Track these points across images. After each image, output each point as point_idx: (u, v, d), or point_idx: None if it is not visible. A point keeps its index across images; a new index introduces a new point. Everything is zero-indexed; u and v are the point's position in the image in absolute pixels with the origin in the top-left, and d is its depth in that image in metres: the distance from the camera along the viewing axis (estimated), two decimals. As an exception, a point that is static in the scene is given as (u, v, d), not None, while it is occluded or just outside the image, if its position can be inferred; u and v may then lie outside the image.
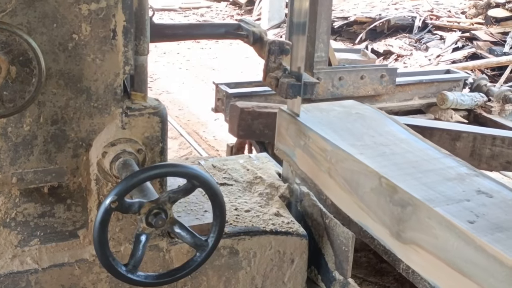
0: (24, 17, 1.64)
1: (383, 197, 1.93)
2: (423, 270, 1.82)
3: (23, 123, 1.75)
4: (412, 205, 1.81)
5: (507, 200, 1.82)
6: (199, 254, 1.72)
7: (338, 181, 2.17)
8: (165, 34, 2.36)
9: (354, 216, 2.13)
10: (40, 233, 1.93)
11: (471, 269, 1.61)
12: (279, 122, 2.56)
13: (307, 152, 2.34)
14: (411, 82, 4.37)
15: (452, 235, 1.67)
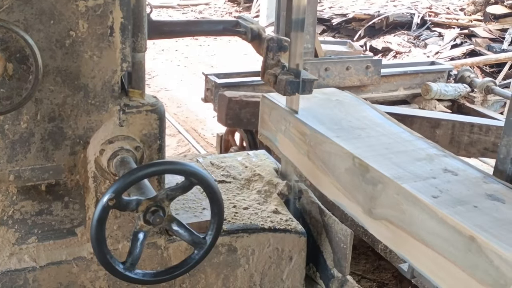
0: (21, 13, 1.63)
1: (356, 176, 2.03)
2: (392, 244, 1.93)
3: (20, 120, 1.74)
4: (382, 183, 1.92)
5: (470, 177, 1.93)
6: (197, 251, 1.71)
7: (316, 163, 2.27)
8: (163, 31, 2.35)
9: (330, 196, 2.23)
10: (38, 231, 1.92)
11: (434, 240, 1.71)
12: (262, 109, 2.67)
13: (288, 136, 2.45)
14: (396, 73, 4.46)
15: (417, 209, 1.77)
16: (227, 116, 3.36)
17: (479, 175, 1.97)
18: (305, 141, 2.33)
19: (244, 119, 3.44)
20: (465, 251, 1.62)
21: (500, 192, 1.85)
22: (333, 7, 10.52)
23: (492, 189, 1.87)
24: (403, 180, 1.87)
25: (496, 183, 1.93)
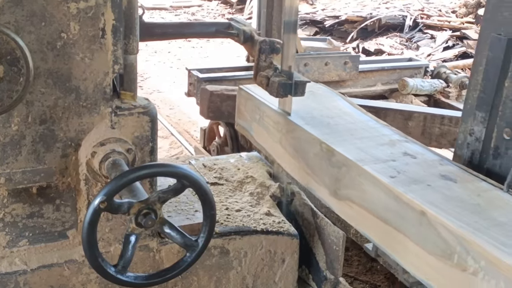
0: (12, 15, 1.62)
1: (323, 160, 2.19)
2: (355, 223, 2.07)
3: (11, 122, 1.73)
4: (346, 165, 2.06)
5: (428, 160, 2.09)
6: (189, 254, 1.71)
7: (288, 150, 2.43)
8: (155, 33, 2.35)
9: (301, 180, 2.37)
10: (29, 233, 1.91)
11: (391, 216, 1.86)
12: (238, 100, 2.81)
13: (262, 125, 2.61)
14: (374, 69, 4.60)
15: (376, 189, 1.92)
16: (208, 109, 3.47)
17: (436, 158, 2.11)
18: (278, 129, 2.47)
19: (225, 112, 3.53)
20: (417, 225, 1.75)
21: (454, 173, 1.99)
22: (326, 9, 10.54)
23: (447, 171, 2.01)
24: (365, 163, 2.00)
25: (451, 165, 2.07)
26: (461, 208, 1.75)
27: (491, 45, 2.13)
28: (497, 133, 2.15)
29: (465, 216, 1.70)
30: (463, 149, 2.26)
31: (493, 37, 2.12)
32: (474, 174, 2.04)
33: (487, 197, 1.85)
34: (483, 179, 2.00)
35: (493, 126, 2.16)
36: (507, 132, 2.12)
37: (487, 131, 2.19)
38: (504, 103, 2.11)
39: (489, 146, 2.18)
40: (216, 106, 3.45)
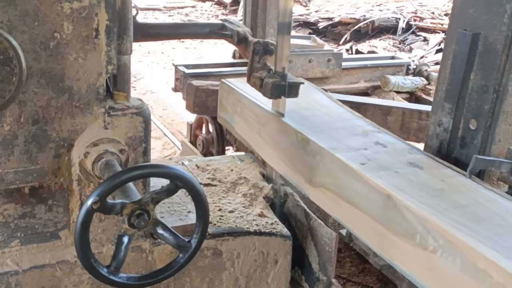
0: (5, 15, 1.62)
1: (299, 149, 2.26)
2: (329, 208, 2.14)
3: (3, 122, 1.72)
4: (320, 154, 2.15)
5: (398, 149, 2.18)
6: (182, 255, 1.71)
7: (266, 140, 2.51)
8: (149, 34, 2.34)
9: (279, 169, 2.44)
10: (21, 234, 1.90)
11: (360, 201, 1.95)
12: (220, 93, 2.88)
13: (243, 117, 2.68)
14: (357, 66, 4.70)
15: (347, 175, 2.01)
16: (194, 104, 3.53)
17: (406, 147, 2.20)
18: (257, 120, 2.55)
19: (210, 107, 3.59)
20: (383, 208, 1.85)
21: (421, 161, 2.09)
22: (319, 11, 10.57)
23: (415, 158, 2.11)
24: (337, 151, 2.09)
25: (419, 154, 2.17)
26: (425, 192, 1.84)
27: (457, 40, 2.23)
28: (463, 124, 2.25)
29: (427, 199, 1.79)
30: (433, 140, 2.36)
31: (459, 32, 2.22)
32: (440, 161, 2.13)
33: (451, 183, 1.95)
34: (448, 166, 2.10)
35: (460, 117, 2.27)
36: (473, 122, 2.22)
37: (454, 122, 2.29)
38: (470, 95, 2.22)
39: (456, 136, 2.28)
40: (201, 100, 3.51)
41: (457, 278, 1.61)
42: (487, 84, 2.19)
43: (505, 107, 2.18)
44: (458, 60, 2.23)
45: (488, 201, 1.85)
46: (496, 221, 1.72)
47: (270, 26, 4.02)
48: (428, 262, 1.70)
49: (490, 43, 2.17)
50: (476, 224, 1.68)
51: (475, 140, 2.23)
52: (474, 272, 1.56)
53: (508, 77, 2.16)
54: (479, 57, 2.19)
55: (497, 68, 2.15)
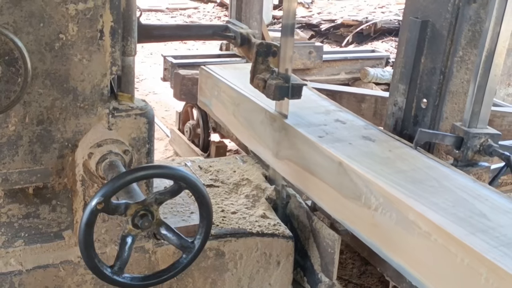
0: (10, 16, 1.63)
1: (267, 126, 2.49)
2: (293, 179, 2.37)
3: (8, 123, 1.73)
4: (285, 129, 2.37)
5: (355, 125, 2.41)
6: (185, 255, 1.71)
7: (239, 120, 2.75)
8: (153, 35, 2.35)
9: (251, 146, 2.70)
10: (25, 234, 1.91)
11: (318, 169, 2.18)
12: (200, 79, 3.16)
13: (220, 100, 2.93)
14: (338, 59, 4.93)
15: (306, 147, 2.23)
16: (181, 92, 3.73)
17: (363, 124, 2.43)
18: (232, 102, 2.79)
19: (196, 95, 3.73)
20: (336, 174, 2.07)
21: (374, 135, 2.33)
22: (322, 13, 10.57)
23: (369, 133, 2.34)
24: (299, 126, 2.32)
25: (374, 129, 2.40)
26: (372, 160, 2.07)
27: (409, 27, 2.47)
28: (416, 103, 2.52)
29: (373, 165, 2.01)
30: (390, 118, 2.62)
31: (411, 20, 2.46)
32: (392, 135, 2.37)
33: (397, 152, 2.19)
34: (398, 139, 2.33)
35: (412, 97, 2.52)
36: (424, 102, 2.48)
37: (407, 101, 2.54)
38: (421, 77, 2.48)
39: (410, 114, 2.54)
40: (187, 89, 3.69)
41: (392, 230, 1.84)
42: (435, 66, 2.43)
43: (451, 87, 2.44)
44: (410, 45, 2.47)
45: (428, 168, 2.08)
46: (430, 183, 1.95)
47: (254, 19, 4.19)
48: (371, 219, 1.92)
49: (437, 30, 2.41)
50: (413, 185, 1.91)
51: (425, 117, 2.49)
52: (405, 224, 1.79)
53: (453, 60, 2.40)
54: (428, 42, 2.44)
55: (443, 52, 2.40)
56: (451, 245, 1.64)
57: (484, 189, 1.96)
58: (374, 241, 1.94)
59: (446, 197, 1.86)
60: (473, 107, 2.36)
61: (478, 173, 2.40)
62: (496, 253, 1.57)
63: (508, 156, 2.37)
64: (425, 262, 1.74)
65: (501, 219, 1.76)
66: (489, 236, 1.66)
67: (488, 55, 2.28)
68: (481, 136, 2.37)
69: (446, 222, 1.70)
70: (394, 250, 1.86)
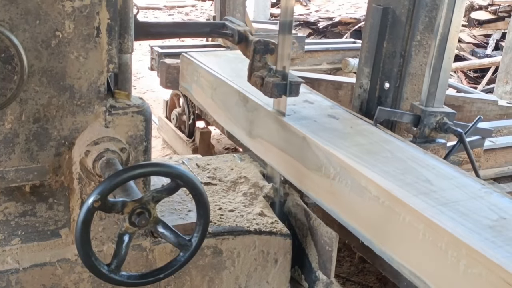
0: (6, 13, 1.62)
1: (241, 107, 2.67)
2: (264, 155, 2.54)
3: (4, 121, 1.73)
4: (257, 109, 2.54)
5: (322, 106, 2.59)
6: (182, 253, 1.71)
7: (217, 102, 2.96)
8: (150, 33, 2.34)
9: (226, 126, 2.92)
10: (21, 232, 1.91)
11: (284, 145, 2.36)
12: (181, 66, 3.39)
13: (199, 84, 3.15)
14: (319, 49, 5.04)
15: (275, 125, 2.41)
16: (166, 80, 3.89)
17: (329, 104, 2.61)
18: (210, 86, 3.00)
19: None
20: (300, 148, 2.25)
21: (339, 114, 2.50)
22: (320, 11, 10.56)
23: (334, 112, 2.51)
24: (269, 106, 2.47)
25: (339, 109, 2.58)
26: (333, 135, 2.25)
27: (372, 13, 2.67)
28: (379, 85, 2.72)
29: (334, 139, 2.18)
30: (356, 100, 2.83)
31: (373, 7, 2.66)
32: (355, 114, 2.53)
33: (358, 129, 2.37)
34: (360, 117, 2.50)
35: (376, 79, 2.72)
36: (386, 84, 2.69)
37: (371, 83, 2.74)
38: (383, 60, 2.68)
39: (374, 95, 2.74)
40: (173, 77, 3.83)
41: (348, 196, 2.02)
42: (396, 50, 2.65)
43: (410, 69, 2.66)
44: (373, 31, 2.68)
45: (384, 142, 2.26)
46: (385, 155, 2.14)
47: (237, 11, 4.33)
48: (330, 187, 2.10)
49: (397, 16, 2.62)
50: (368, 156, 2.09)
51: (388, 98, 2.71)
52: (358, 190, 1.97)
53: (411, 44, 2.61)
54: (389, 28, 2.64)
55: (402, 37, 2.61)
56: (396, 206, 1.82)
57: (433, 160, 2.15)
58: (333, 207, 2.11)
59: (396, 166, 2.05)
60: (429, 87, 2.56)
61: (435, 149, 2.61)
62: (433, 211, 1.75)
63: (460, 132, 2.57)
64: (375, 223, 1.92)
65: (443, 184, 1.94)
66: (430, 197, 1.83)
67: (442, 39, 2.48)
68: (437, 114, 2.58)
69: (393, 187, 1.87)
70: (349, 214, 2.04)
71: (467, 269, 1.58)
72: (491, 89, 5.86)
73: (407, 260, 1.80)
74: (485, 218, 1.75)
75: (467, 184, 1.97)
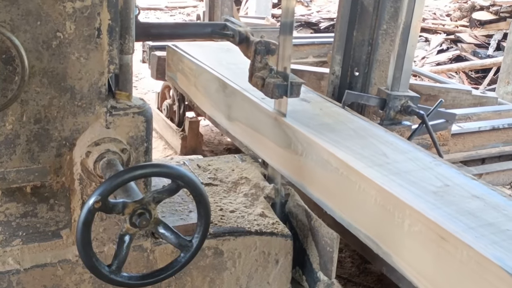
0: (7, 14, 1.62)
1: (220, 93, 2.90)
2: (241, 137, 2.76)
3: (5, 121, 1.73)
4: (234, 94, 2.75)
5: None
6: (183, 254, 1.71)
7: (199, 89, 3.21)
8: (151, 34, 2.35)
9: (208, 112, 3.15)
10: (22, 233, 1.91)
11: (260, 126, 2.56)
12: (167, 56, 3.66)
13: (183, 73, 3.40)
14: (305, 43, 5.18)
15: (251, 108, 2.61)
16: (157, 71, 4.10)
17: (303, 89, 2.64)
18: (193, 74, 3.24)
19: None
20: (273, 127, 2.45)
21: (311, 98, 2.72)
22: (321, 11, 10.56)
23: (307, 96, 2.70)
24: (246, 90, 2.67)
25: (312, 94, 2.78)
26: (303, 116, 2.42)
27: (343, 4, 2.87)
28: (350, 72, 2.94)
29: (303, 119, 2.35)
30: (329, 86, 3.05)
31: None
32: (326, 98, 2.73)
33: (326, 111, 2.57)
34: (330, 101, 2.71)
35: (347, 66, 2.94)
36: (356, 70, 2.90)
37: (343, 70, 2.96)
38: (353, 48, 2.90)
39: (345, 81, 2.96)
40: (163, 68, 3.99)
41: (312, 169, 2.22)
42: (364, 39, 2.86)
43: (378, 57, 2.88)
44: (343, 21, 2.89)
45: (349, 121, 2.47)
46: (348, 133, 2.33)
47: (225, 6, 4.50)
48: (298, 162, 2.29)
49: (365, 6, 2.80)
50: (332, 133, 2.28)
51: (358, 84, 2.93)
52: (321, 163, 2.17)
53: (378, 33, 2.81)
54: (358, 18, 2.84)
55: (370, 26, 2.82)
56: (352, 176, 2.02)
57: (392, 137, 2.36)
58: (300, 181, 2.31)
59: (357, 141, 2.24)
60: (394, 73, 2.80)
61: (401, 131, 2.85)
62: (384, 179, 1.94)
63: (422, 114, 2.78)
64: (335, 192, 2.12)
65: (398, 157, 2.14)
66: (383, 168, 2.03)
67: (405, 27, 2.69)
68: (402, 98, 2.81)
69: (351, 159, 2.07)
70: (314, 186, 2.24)
71: (410, 227, 1.79)
72: (492, 90, 5.85)
73: (362, 224, 2.00)
74: (430, 185, 1.95)
75: (419, 157, 2.17)
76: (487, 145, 4.07)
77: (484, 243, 1.61)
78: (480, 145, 4.04)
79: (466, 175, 2.06)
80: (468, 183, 1.99)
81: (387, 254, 1.90)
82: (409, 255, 1.81)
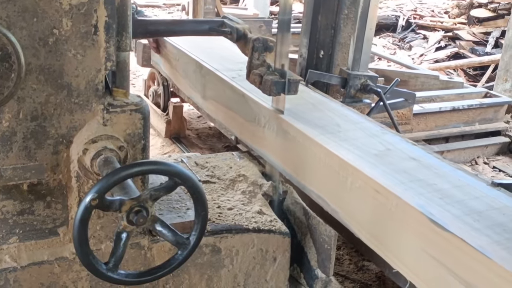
0: (3, 11, 1.61)
1: (197, 74, 3.16)
2: (214, 114, 3.03)
3: (1, 119, 1.72)
4: (209, 74, 2.99)
5: None
6: (180, 252, 1.71)
7: (180, 72, 3.46)
8: (148, 30, 2.34)
9: (187, 92, 3.40)
10: (19, 230, 1.90)
11: (231, 103, 2.81)
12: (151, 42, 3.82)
13: (166, 58, 3.69)
14: None
15: (225, 88, 2.84)
16: (142, 59, 4.31)
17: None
18: (174, 58, 3.51)
19: None
20: (240, 103, 2.68)
21: None
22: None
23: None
24: (219, 71, 2.93)
25: None
26: None
27: None
28: (315, 54, 3.15)
29: (266, 96, 2.41)
30: (297, 68, 3.26)
31: None
32: None
33: None
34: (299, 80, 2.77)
35: (313, 49, 3.16)
36: (321, 52, 3.11)
37: (309, 52, 3.17)
38: (318, 32, 3.11)
39: (312, 63, 3.17)
40: (148, 56, 4.22)
41: (274, 139, 2.45)
42: (328, 23, 3.07)
43: (340, 39, 3.10)
44: (310, 6, 3.11)
45: (311, 98, 2.70)
46: (307, 106, 2.56)
47: None
48: (262, 134, 2.52)
49: None
50: (294, 107, 2.45)
51: (323, 65, 3.15)
52: (282, 133, 2.38)
53: (340, 17, 3.03)
54: (322, 3, 3.06)
55: (333, 11, 3.04)
56: (306, 142, 2.23)
57: (348, 111, 2.56)
58: (264, 150, 2.53)
59: (315, 115, 2.45)
60: (355, 54, 3.03)
61: (361, 108, 3.05)
62: (333, 144, 2.15)
63: (379, 92, 3.01)
64: (293, 159, 2.34)
65: (349, 127, 2.35)
66: (334, 136, 2.24)
67: (363, 12, 2.92)
68: (361, 77, 3.04)
69: (306, 128, 2.27)
70: (274, 153, 2.47)
71: (352, 184, 2.00)
72: (490, 87, 5.85)
73: (315, 186, 2.20)
74: (374, 149, 2.15)
75: (369, 127, 2.38)
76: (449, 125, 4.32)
77: (410, 194, 1.81)
78: (442, 125, 4.28)
79: (408, 141, 2.26)
80: (409, 147, 2.19)
81: (335, 211, 2.09)
82: (352, 209, 2.01)
